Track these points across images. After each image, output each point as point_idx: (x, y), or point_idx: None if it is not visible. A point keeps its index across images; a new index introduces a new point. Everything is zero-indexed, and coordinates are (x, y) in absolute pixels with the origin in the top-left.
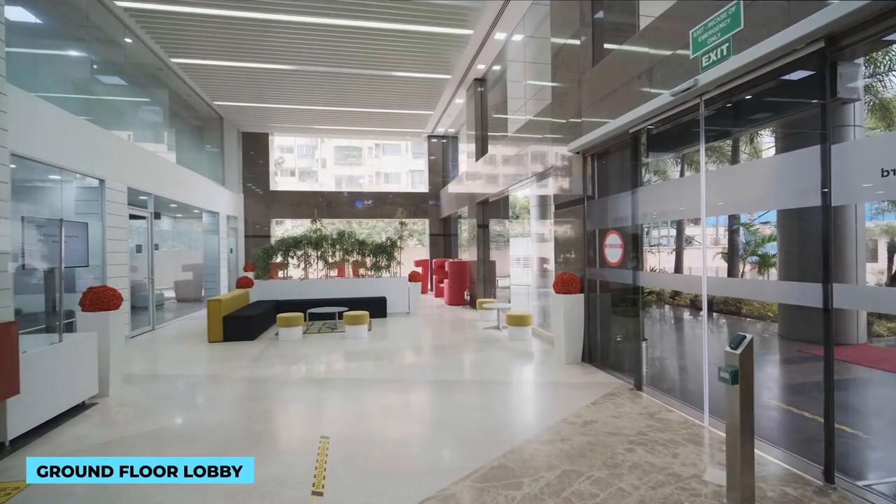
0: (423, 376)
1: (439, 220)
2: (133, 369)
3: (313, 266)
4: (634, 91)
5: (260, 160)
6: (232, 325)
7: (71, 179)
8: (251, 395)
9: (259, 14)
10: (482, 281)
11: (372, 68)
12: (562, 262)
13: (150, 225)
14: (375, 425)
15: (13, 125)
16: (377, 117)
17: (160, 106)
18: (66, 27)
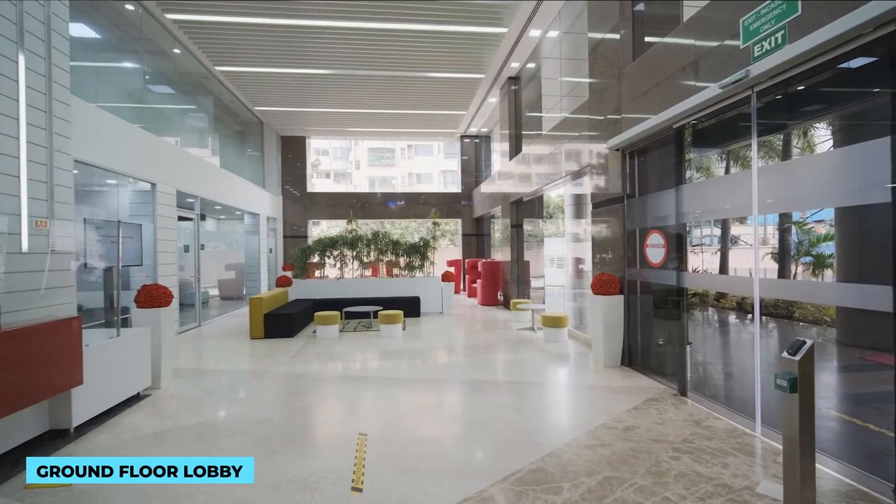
0: (458, 376)
1: (472, 220)
2: (181, 363)
3: (349, 266)
4: (678, 85)
5: (297, 163)
6: (273, 323)
7: (126, 183)
8: (291, 390)
9: (298, 21)
10: (516, 281)
11: (406, 70)
12: (599, 262)
13: (196, 226)
14: (411, 423)
15: (76, 133)
16: (411, 118)
17: (205, 112)
18: (121, 41)
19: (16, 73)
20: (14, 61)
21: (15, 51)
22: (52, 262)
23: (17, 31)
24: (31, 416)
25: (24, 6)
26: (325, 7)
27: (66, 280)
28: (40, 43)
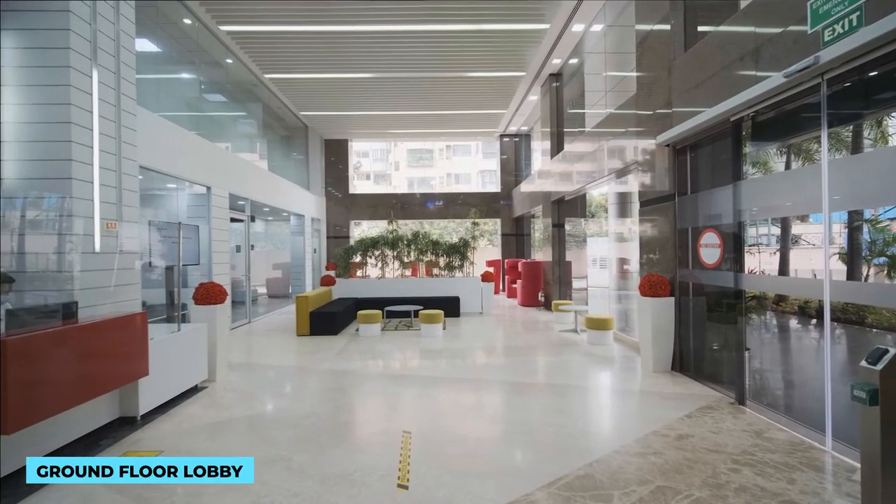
0: (499, 377)
1: (511, 219)
2: (234, 358)
3: (389, 266)
4: (735, 75)
5: (339, 165)
6: (318, 321)
7: (184, 187)
8: (336, 386)
9: (342, 27)
10: (557, 282)
11: (446, 71)
12: (647, 263)
13: (247, 227)
14: (454, 423)
15: (141, 141)
16: (450, 119)
17: (254, 118)
18: (180, 53)
19: (90, 87)
20: (89, 76)
21: (90, 67)
22: (120, 262)
23: (92, 49)
24: (105, 403)
25: (97, 25)
26: (368, 12)
27: (132, 278)
28: (110, 58)
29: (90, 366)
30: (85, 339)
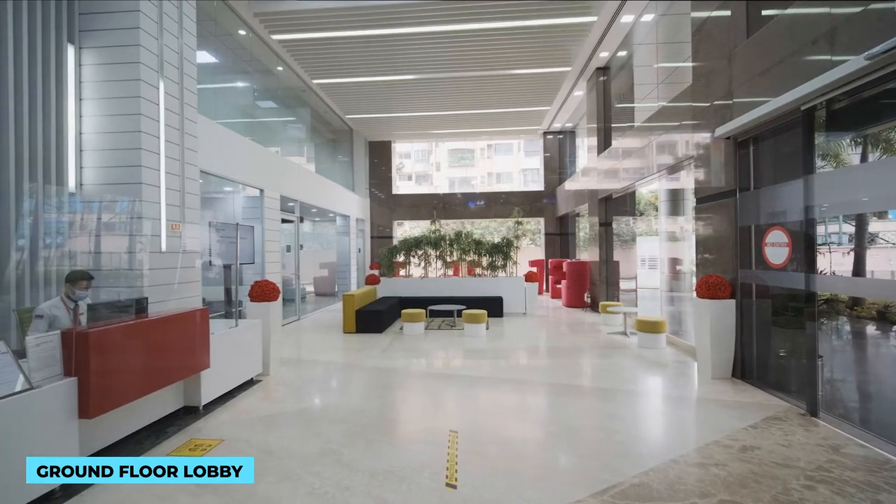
0: (544, 379)
1: (555, 218)
2: (285, 354)
3: (432, 265)
4: (807, 61)
5: (383, 167)
6: (363, 319)
7: (238, 190)
8: (383, 383)
9: (386, 30)
10: (604, 283)
11: (490, 69)
12: (704, 263)
13: (296, 228)
14: (500, 424)
15: (201, 147)
16: (493, 117)
17: (303, 123)
18: (236, 63)
19: (157, 98)
20: (156, 88)
21: (157, 79)
22: (183, 260)
23: (159, 62)
24: (171, 393)
25: (163, 40)
26: (412, 14)
27: (193, 276)
28: (175, 70)
29: (160, 357)
30: (155, 332)
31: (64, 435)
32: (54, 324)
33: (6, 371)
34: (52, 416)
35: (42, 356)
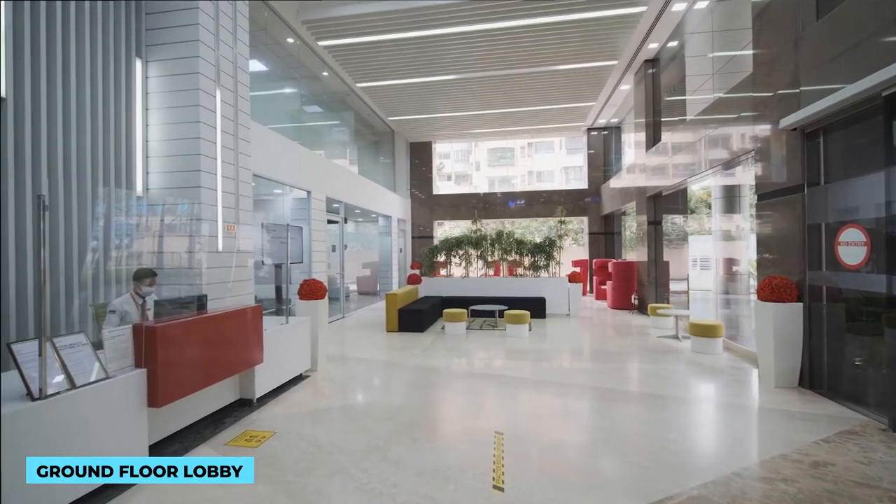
0: (591, 382)
1: (599, 217)
2: (331, 351)
3: (473, 265)
4: (887, 43)
5: (423, 167)
6: (406, 318)
7: (287, 192)
8: (425, 382)
9: (428, 31)
10: (653, 284)
11: (532, 66)
12: (766, 263)
13: (341, 228)
14: (546, 427)
15: (253, 151)
16: (535, 115)
17: (347, 126)
18: (284, 70)
19: (214, 106)
20: (213, 96)
21: (214, 87)
22: (237, 260)
23: (216, 72)
24: (228, 386)
25: (220, 51)
26: (454, 13)
27: (246, 275)
28: (230, 79)
29: (219, 352)
30: (215, 328)
31: (135, 422)
32: (125, 318)
33: (86, 361)
34: (126, 403)
35: (116, 348)
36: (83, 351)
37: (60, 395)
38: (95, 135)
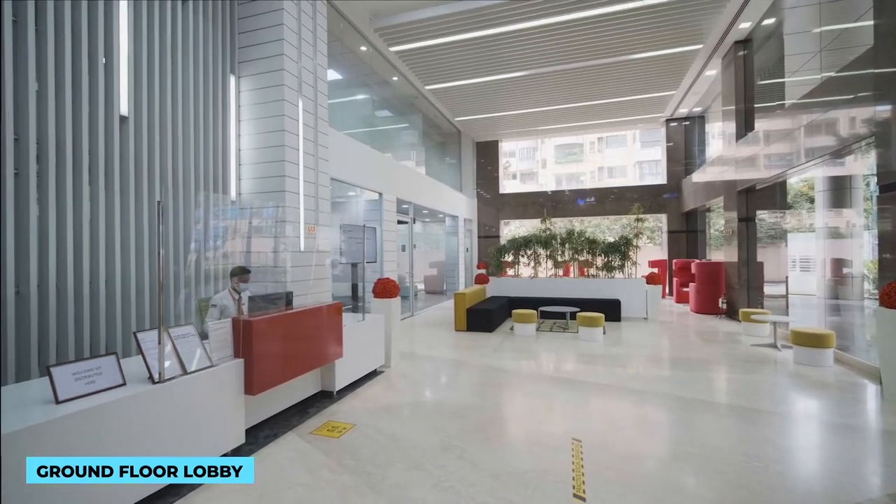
0: (674, 391)
1: (680, 214)
2: (402, 348)
3: (542, 265)
4: None
5: (489, 166)
6: (474, 317)
7: (360, 194)
8: (496, 382)
9: (494, 30)
10: (744, 286)
11: (605, 56)
12: (890, 265)
13: (410, 229)
14: (628, 437)
15: (330, 156)
16: (607, 108)
17: (415, 129)
18: (357, 77)
19: (297, 115)
20: (296, 106)
21: (296, 97)
22: (316, 259)
23: (298, 83)
24: (311, 378)
25: (301, 63)
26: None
27: (325, 273)
28: (311, 89)
29: (305, 345)
30: (302, 323)
31: (234, 407)
32: (224, 312)
33: (194, 350)
34: (227, 390)
35: (219, 339)
36: (192, 341)
37: (175, 380)
38: (197, 146)
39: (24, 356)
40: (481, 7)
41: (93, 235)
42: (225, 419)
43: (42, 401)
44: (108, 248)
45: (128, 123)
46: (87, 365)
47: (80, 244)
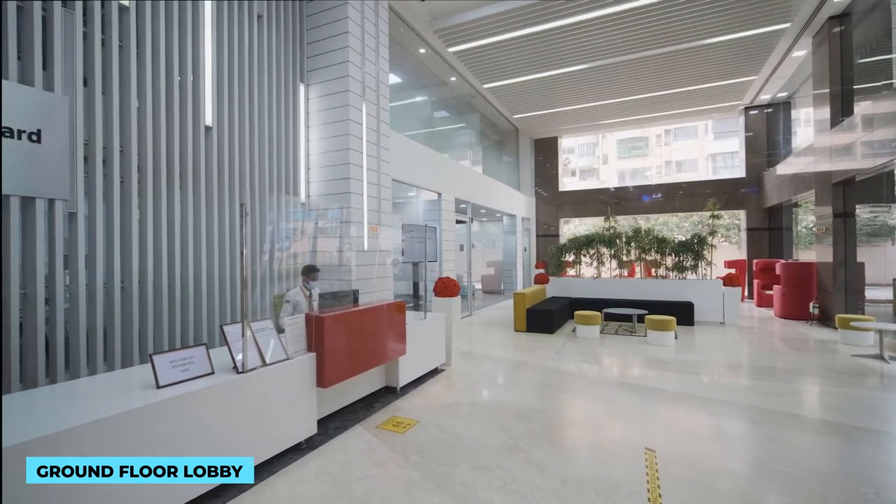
0: (759, 403)
1: (761, 210)
2: (462, 347)
3: (605, 265)
4: None
5: (548, 164)
6: (534, 318)
7: (419, 194)
8: (560, 386)
9: (555, 23)
10: (841, 290)
11: (674, 43)
12: None
13: (468, 228)
14: (707, 450)
15: (392, 158)
16: (678, 98)
17: (472, 128)
18: (416, 79)
19: (361, 119)
20: (360, 110)
21: (360, 102)
22: (379, 258)
23: (361, 88)
24: (376, 374)
25: (365, 69)
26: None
27: (387, 272)
28: (373, 93)
29: (372, 342)
30: (368, 319)
31: (307, 399)
32: (297, 308)
33: (272, 343)
34: (301, 381)
35: (294, 334)
36: (270, 335)
37: (256, 371)
38: (272, 152)
39: (128, 345)
40: (541, 1)
41: (182, 235)
42: (299, 409)
43: (143, 385)
44: (196, 248)
45: (212, 133)
46: (182, 354)
47: (172, 244)
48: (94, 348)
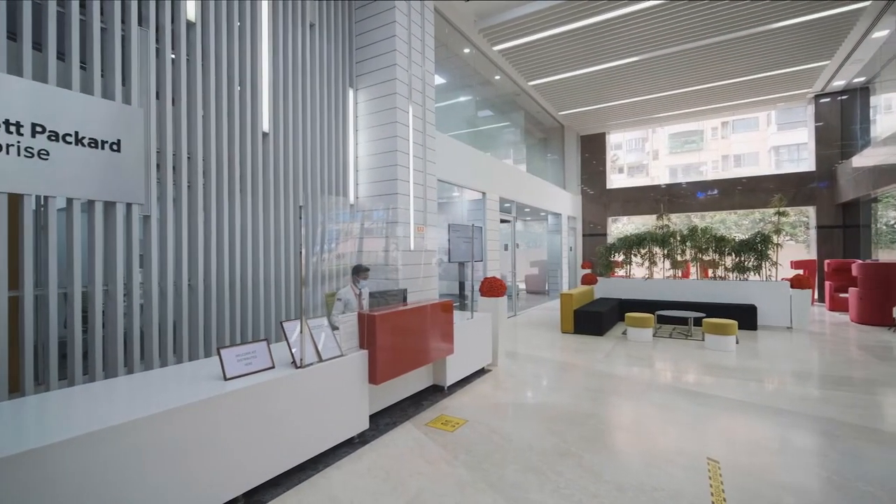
0: (835, 415)
1: (833, 206)
2: (508, 347)
3: (658, 265)
4: None
5: (594, 160)
6: (582, 319)
7: (463, 194)
8: (612, 390)
9: (602, 16)
10: None
11: (734, 30)
12: None
13: (513, 227)
14: (776, 463)
15: (437, 158)
16: (738, 88)
17: (516, 126)
18: (461, 79)
19: (407, 121)
20: (406, 112)
21: (407, 104)
22: (425, 258)
23: (408, 91)
24: (425, 373)
25: (412, 71)
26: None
27: (433, 271)
28: (419, 95)
29: (421, 340)
30: (417, 318)
31: (360, 394)
32: (348, 306)
33: (327, 340)
34: (354, 377)
35: (347, 331)
36: (325, 332)
37: (313, 366)
38: (323, 155)
39: (194, 339)
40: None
41: (242, 236)
42: (353, 405)
43: (210, 377)
44: (254, 248)
45: (268, 139)
46: (246, 349)
47: (233, 244)
48: (164, 342)
